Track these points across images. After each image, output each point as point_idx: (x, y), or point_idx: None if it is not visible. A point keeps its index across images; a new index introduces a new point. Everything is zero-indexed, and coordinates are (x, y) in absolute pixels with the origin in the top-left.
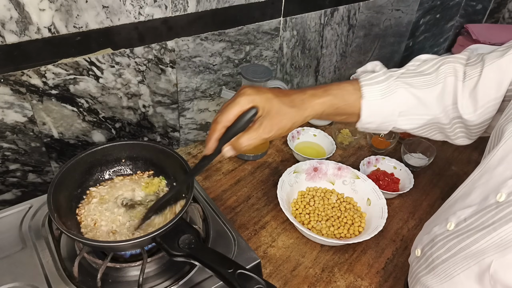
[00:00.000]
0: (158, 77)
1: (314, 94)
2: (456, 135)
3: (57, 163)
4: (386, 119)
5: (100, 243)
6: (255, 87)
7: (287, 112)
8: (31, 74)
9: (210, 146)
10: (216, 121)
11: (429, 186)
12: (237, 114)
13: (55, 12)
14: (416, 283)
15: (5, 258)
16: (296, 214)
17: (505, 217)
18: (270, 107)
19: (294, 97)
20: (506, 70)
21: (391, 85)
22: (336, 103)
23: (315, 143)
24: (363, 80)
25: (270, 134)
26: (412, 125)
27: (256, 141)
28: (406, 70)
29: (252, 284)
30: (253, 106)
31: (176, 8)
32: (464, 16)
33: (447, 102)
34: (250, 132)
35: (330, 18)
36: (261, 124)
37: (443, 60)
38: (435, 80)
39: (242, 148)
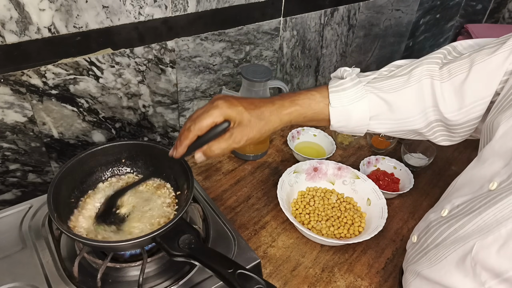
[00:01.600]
0: (158, 77)
1: (282, 105)
2: (437, 138)
3: (57, 163)
4: (357, 124)
5: (100, 243)
6: (228, 99)
7: (256, 124)
8: (31, 74)
9: (180, 151)
10: (189, 129)
11: (429, 186)
12: (210, 125)
13: (55, 12)
14: (409, 268)
15: (5, 258)
16: (296, 214)
17: (490, 202)
18: (241, 119)
19: (263, 109)
20: (495, 70)
21: (359, 91)
22: (304, 113)
23: (315, 143)
24: (331, 87)
25: (239, 144)
26: (386, 129)
27: (226, 150)
28: (378, 74)
29: (252, 284)
30: (225, 120)
31: (176, 8)
32: (464, 16)
33: (426, 104)
34: (221, 141)
35: (330, 18)
36: (231, 135)
37: (418, 63)
38: (407, 82)
39: (213, 155)
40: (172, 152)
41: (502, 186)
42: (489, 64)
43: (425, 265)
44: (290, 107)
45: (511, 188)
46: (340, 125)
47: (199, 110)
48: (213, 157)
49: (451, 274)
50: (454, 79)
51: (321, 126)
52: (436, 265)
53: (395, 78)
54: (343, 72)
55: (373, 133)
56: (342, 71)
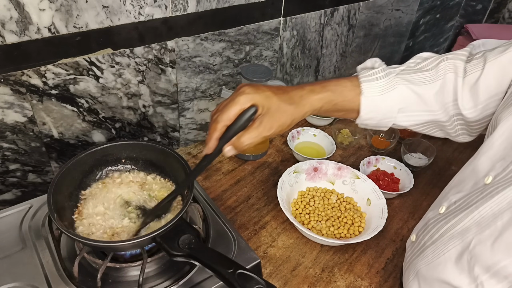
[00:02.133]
0: (158, 77)
1: (312, 90)
2: (457, 132)
3: (57, 163)
4: (385, 116)
5: (100, 243)
6: (253, 85)
7: (286, 109)
8: (31, 74)
9: (211, 145)
10: (216, 120)
11: (429, 186)
12: (237, 113)
13: (55, 12)
14: (408, 267)
15: (5, 258)
16: (296, 214)
17: (486, 196)
18: (270, 105)
19: (292, 94)
20: (507, 66)
21: (391, 82)
22: (335, 99)
23: (315, 143)
24: (362, 77)
25: (270, 132)
26: (412, 122)
27: (257, 139)
28: (406, 67)
29: (252, 284)
30: (252, 105)
31: (176, 8)
32: (464, 16)
33: (447, 99)
34: (250, 130)
35: (330, 18)
36: (261, 122)
37: (443, 57)
38: (435, 76)
39: (244, 147)
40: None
41: (497, 180)
42: (501, 61)
43: (423, 262)
44: (322, 92)
45: (507, 181)
46: (368, 116)
47: (225, 100)
48: (243, 148)
49: (448, 271)
50: (469, 77)
51: (321, 126)
52: (433, 262)
53: (423, 71)
54: (374, 62)
55: (371, 130)
56: (373, 61)
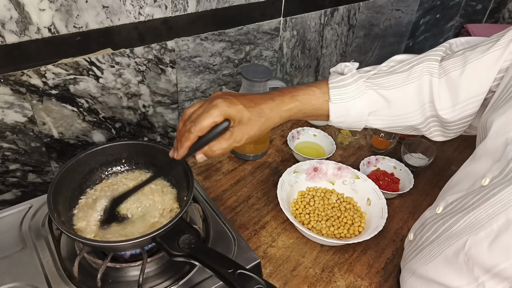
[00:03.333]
0: (158, 77)
1: (282, 101)
2: (432, 134)
3: (57, 163)
4: (355, 119)
5: (100, 243)
6: (227, 98)
7: (256, 122)
8: (31, 74)
9: (182, 153)
10: (190, 130)
11: (429, 186)
12: (210, 126)
13: (55, 12)
14: (405, 266)
15: (5, 258)
16: (296, 214)
17: (482, 198)
18: (241, 118)
19: (262, 106)
20: (489, 67)
21: (359, 88)
22: (303, 109)
23: (315, 143)
24: (332, 83)
25: (240, 143)
26: (383, 125)
27: (227, 149)
28: (378, 70)
29: (252, 284)
30: (225, 119)
31: (176, 8)
32: (464, 16)
33: (423, 100)
34: (222, 141)
35: (330, 18)
36: (232, 134)
37: (418, 60)
38: (407, 79)
39: (214, 155)
40: (173, 154)
41: (494, 182)
42: (483, 62)
43: (420, 262)
44: (290, 103)
45: (503, 183)
46: (338, 120)
47: (198, 109)
48: (214, 156)
49: (445, 271)
50: (448, 76)
51: (321, 126)
52: (430, 262)
53: (395, 74)
54: (344, 67)
55: (370, 129)
56: (343, 66)
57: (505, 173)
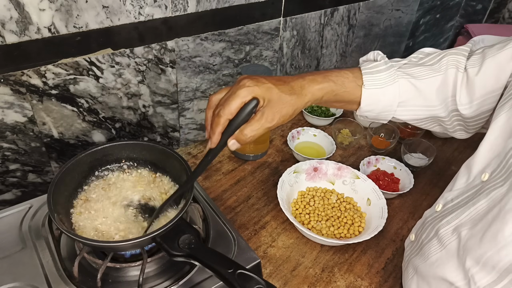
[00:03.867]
0: (158, 77)
1: (313, 79)
2: (454, 128)
3: (57, 163)
4: (385, 109)
5: (100, 243)
6: (254, 77)
7: (288, 100)
8: (31, 74)
9: (215, 140)
10: (219, 114)
11: (429, 186)
12: (239, 106)
13: (55, 12)
14: (407, 265)
15: (5, 258)
16: (296, 214)
17: (483, 192)
18: (271, 97)
19: (293, 84)
20: (505, 63)
21: (392, 75)
22: (336, 90)
23: (315, 143)
24: (365, 69)
25: (273, 123)
26: (411, 116)
27: (260, 131)
28: (409, 61)
29: (252, 284)
30: (254, 98)
31: (176, 8)
32: (464, 16)
33: (447, 94)
34: (253, 123)
35: (330, 18)
36: (263, 114)
37: (446, 52)
38: (437, 71)
39: (247, 139)
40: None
41: (493, 176)
42: (499, 58)
43: (421, 260)
44: (323, 82)
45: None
46: (369, 108)
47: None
48: (247, 142)
49: (444, 267)
50: (467, 73)
51: (321, 126)
52: (430, 259)
53: (425, 66)
54: (377, 55)
55: (370, 129)
56: (376, 54)
57: (502, 166)
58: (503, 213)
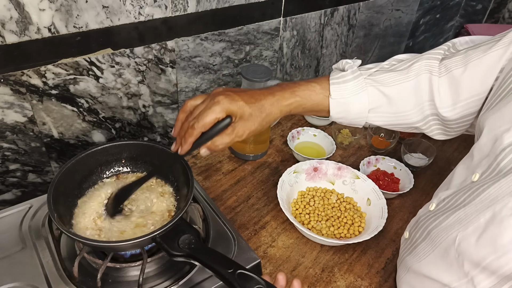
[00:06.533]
0: (158, 77)
1: (282, 96)
2: (433, 132)
3: (57, 163)
4: (356, 116)
5: (100, 243)
6: (228, 94)
7: (257, 117)
8: (31, 74)
9: (186, 148)
10: (193, 126)
11: (429, 186)
12: (213, 122)
13: (55, 12)
14: (401, 264)
15: (5, 258)
16: (296, 214)
17: (472, 194)
18: (242, 114)
19: (263, 102)
20: (491, 67)
21: (359, 84)
22: (303, 104)
23: (315, 143)
24: (332, 79)
25: (242, 137)
26: (384, 122)
27: (230, 143)
28: (380, 68)
29: (252, 284)
30: (227, 115)
31: (176, 8)
32: (464, 16)
33: (422, 98)
34: (224, 136)
35: (330, 18)
36: (234, 129)
37: (418, 58)
38: (406, 76)
39: (217, 149)
40: (176, 148)
41: (483, 177)
42: (484, 61)
43: (415, 259)
44: (290, 99)
45: (492, 179)
46: (339, 116)
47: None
48: (217, 151)
49: (437, 267)
50: (450, 74)
51: (321, 126)
52: (424, 259)
53: (396, 72)
54: (345, 64)
55: (370, 129)
56: (344, 63)
57: (493, 168)
58: (499, 219)
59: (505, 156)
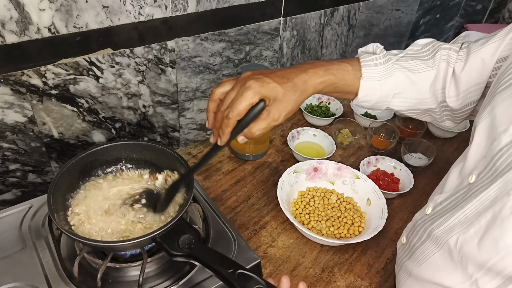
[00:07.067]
0: (158, 77)
1: (315, 73)
2: (443, 118)
3: (57, 163)
4: (381, 99)
5: (100, 243)
6: (258, 77)
7: (292, 97)
8: (31, 74)
9: (225, 139)
10: (228, 116)
11: (429, 186)
12: (247, 108)
13: (55, 12)
14: (400, 269)
15: (5, 258)
16: (296, 214)
17: (470, 195)
18: (276, 96)
19: (296, 80)
20: (488, 58)
21: (389, 68)
22: (336, 82)
23: (315, 143)
24: (364, 61)
25: (279, 121)
26: (404, 107)
27: (267, 128)
28: (405, 54)
29: (252, 284)
30: (261, 99)
31: (176, 8)
32: (464, 16)
33: (438, 86)
34: (260, 122)
35: (330, 18)
36: (269, 113)
37: (440, 46)
38: (431, 65)
39: (255, 136)
40: (215, 140)
41: (480, 178)
42: (482, 52)
43: (415, 264)
44: (324, 76)
45: (489, 180)
46: (365, 99)
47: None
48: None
49: (440, 271)
50: (455, 67)
51: (321, 126)
52: (424, 264)
53: (420, 60)
54: (376, 48)
55: (370, 129)
56: (375, 47)
57: (489, 168)
58: (500, 220)
59: (501, 155)
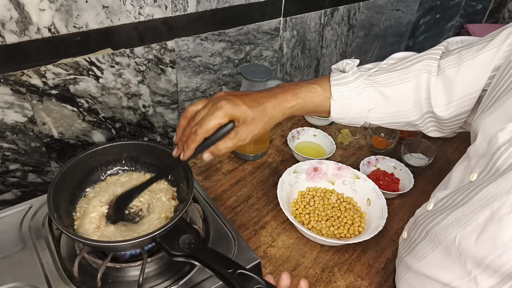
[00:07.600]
0: (158, 77)
1: (284, 99)
2: (428, 129)
3: (57, 163)
4: (356, 116)
5: (100, 243)
6: (230, 99)
7: (260, 121)
8: (31, 74)
9: (188, 154)
10: (195, 132)
11: (429, 186)
12: (215, 127)
13: (55, 12)
14: (400, 263)
15: (5, 258)
16: (296, 214)
17: (470, 193)
18: (245, 118)
19: (266, 105)
20: (483, 67)
21: (360, 85)
22: (305, 106)
23: (315, 143)
24: (333, 80)
25: (245, 141)
26: (383, 120)
27: (233, 147)
28: (379, 68)
29: (252, 284)
30: (230, 120)
31: (176, 8)
32: (464, 16)
33: (420, 97)
34: (227, 141)
35: (330, 18)
36: (237, 134)
37: (417, 58)
38: (407, 76)
39: (220, 154)
40: (177, 153)
41: (481, 177)
42: (477, 60)
43: (414, 259)
44: (293, 101)
45: (489, 178)
46: (339, 116)
47: (202, 109)
48: (220, 155)
49: (438, 267)
50: (443, 74)
51: (321, 126)
52: (423, 259)
53: (395, 72)
54: (345, 65)
55: (370, 129)
56: (344, 64)
57: (490, 167)
58: (498, 217)
59: (500, 154)
